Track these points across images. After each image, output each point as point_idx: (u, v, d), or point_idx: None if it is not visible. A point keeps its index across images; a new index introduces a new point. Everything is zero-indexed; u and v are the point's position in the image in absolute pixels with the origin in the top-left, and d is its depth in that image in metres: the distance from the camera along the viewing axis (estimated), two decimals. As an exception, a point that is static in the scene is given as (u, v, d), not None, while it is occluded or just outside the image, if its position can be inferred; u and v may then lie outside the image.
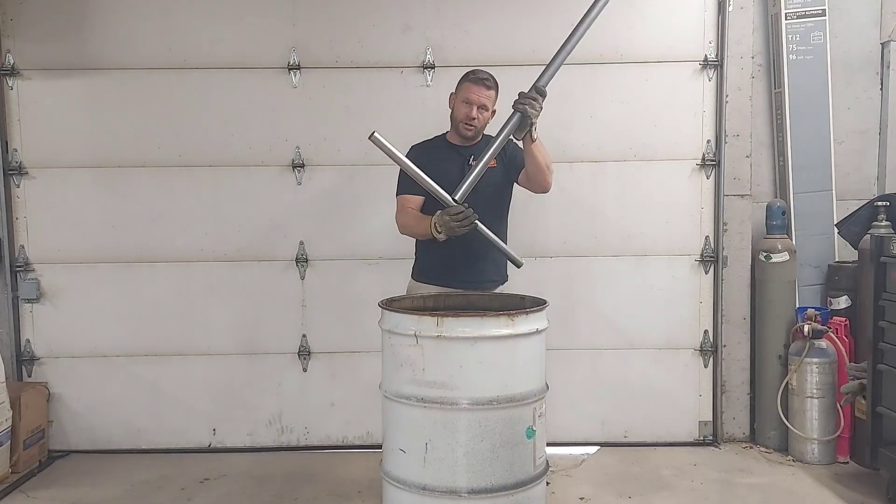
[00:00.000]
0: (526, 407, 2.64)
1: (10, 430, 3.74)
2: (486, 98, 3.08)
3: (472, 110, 3.07)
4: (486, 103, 3.08)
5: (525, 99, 2.86)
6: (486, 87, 3.07)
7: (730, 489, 3.61)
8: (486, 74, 3.10)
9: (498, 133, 2.92)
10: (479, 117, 3.09)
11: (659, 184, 4.10)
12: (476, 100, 3.07)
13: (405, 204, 3.15)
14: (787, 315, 4.03)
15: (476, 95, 3.07)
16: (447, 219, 2.88)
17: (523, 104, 2.85)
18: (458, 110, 3.12)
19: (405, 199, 3.16)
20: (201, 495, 3.59)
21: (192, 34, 4.01)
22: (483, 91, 3.07)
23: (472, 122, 3.09)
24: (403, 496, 2.65)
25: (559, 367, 3.90)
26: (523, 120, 2.87)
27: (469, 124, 3.10)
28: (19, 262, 4.08)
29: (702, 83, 4.07)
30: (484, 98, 3.07)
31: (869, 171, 4.27)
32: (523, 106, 2.85)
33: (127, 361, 4.13)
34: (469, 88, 3.08)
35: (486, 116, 3.12)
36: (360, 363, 4.11)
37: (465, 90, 3.09)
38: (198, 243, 4.10)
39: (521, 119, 2.87)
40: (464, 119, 3.09)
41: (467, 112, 3.08)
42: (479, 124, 3.11)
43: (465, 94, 3.09)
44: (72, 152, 4.06)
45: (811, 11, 4.07)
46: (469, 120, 3.08)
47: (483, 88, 3.07)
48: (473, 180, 2.92)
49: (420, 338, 2.57)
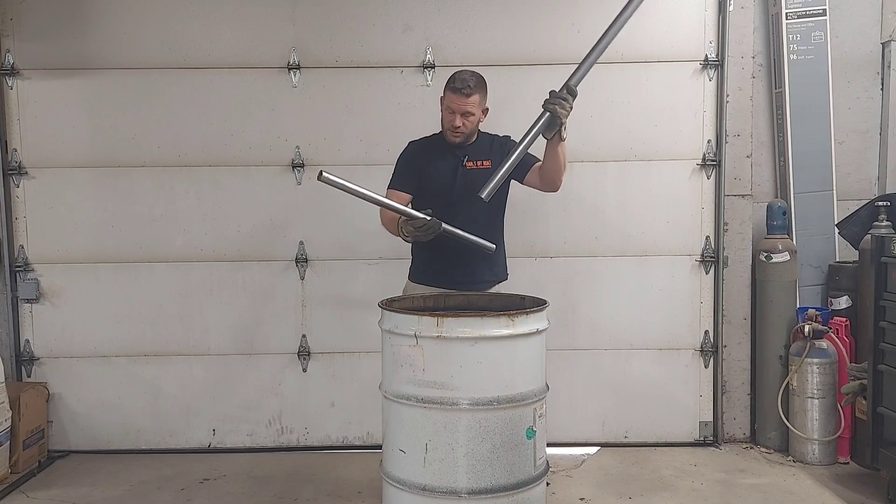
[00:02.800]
0: (526, 407, 2.64)
1: (9, 431, 3.74)
2: (468, 106, 3.03)
3: (456, 119, 3.04)
4: (468, 110, 3.04)
5: (556, 99, 2.82)
6: (465, 97, 3.01)
7: (730, 490, 3.60)
8: (465, 83, 3.00)
9: (527, 132, 2.88)
10: (465, 124, 3.06)
11: (659, 184, 4.10)
12: (458, 108, 3.03)
13: (389, 198, 3.14)
14: (788, 315, 4.03)
15: (457, 105, 3.03)
16: (411, 228, 2.90)
17: (553, 104, 2.81)
18: (444, 118, 3.10)
19: (391, 194, 3.15)
20: (201, 496, 3.58)
21: (192, 34, 4.01)
22: (464, 100, 3.02)
23: (457, 130, 3.07)
24: (403, 496, 2.64)
25: (559, 367, 3.90)
26: (553, 120, 2.83)
27: (454, 132, 3.08)
28: (19, 262, 4.08)
29: (702, 83, 4.07)
30: (466, 106, 3.03)
31: (869, 171, 4.26)
32: (553, 106, 2.81)
33: (127, 361, 4.13)
34: (450, 98, 3.04)
35: (473, 120, 3.08)
36: (359, 363, 4.11)
37: (448, 98, 3.06)
38: (198, 243, 4.10)
39: (551, 119, 2.83)
40: (449, 127, 3.08)
41: (451, 120, 3.05)
42: (465, 130, 3.08)
43: (448, 102, 3.06)
44: (72, 152, 4.05)
45: (812, 11, 4.06)
46: (454, 129, 3.07)
47: (463, 98, 3.01)
48: (500, 179, 2.89)
49: (420, 338, 2.57)
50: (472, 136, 3.16)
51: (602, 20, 3.97)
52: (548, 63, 3.99)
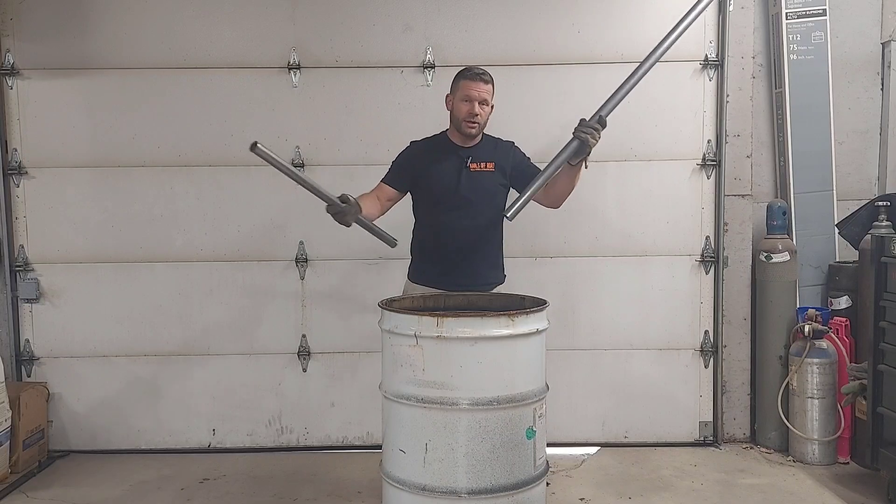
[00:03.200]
0: (526, 407, 2.64)
1: (9, 431, 3.74)
2: (485, 92, 3.06)
3: (474, 106, 3.05)
4: (486, 97, 3.07)
5: (586, 128, 2.86)
6: (483, 82, 3.05)
7: (730, 490, 3.60)
8: (482, 69, 3.08)
9: (555, 157, 2.91)
10: (482, 112, 3.07)
11: (659, 184, 4.10)
12: (476, 95, 3.04)
13: (377, 190, 3.21)
14: (788, 315, 4.03)
15: (476, 91, 3.04)
16: (330, 212, 2.91)
17: (585, 133, 2.85)
18: (459, 109, 3.09)
19: (380, 186, 3.21)
20: (201, 496, 3.58)
21: (192, 34, 4.01)
22: (482, 86, 3.05)
23: (474, 118, 3.06)
24: (403, 496, 2.64)
25: (559, 367, 3.90)
26: (581, 147, 2.88)
27: (472, 121, 3.07)
28: (19, 261, 4.08)
29: (702, 83, 4.07)
30: (483, 92, 3.06)
31: (869, 171, 4.27)
32: (585, 135, 2.85)
33: (127, 361, 4.13)
34: (467, 86, 3.06)
35: (487, 111, 3.10)
36: (359, 363, 4.12)
37: (464, 88, 3.06)
38: (198, 243, 4.10)
39: (580, 146, 2.88)
40: (466, 117, 3.06)
41: (469, 109, 3.05)
42: (481, 119, 3.09)
43: (465, 91, 3.06)
44: (72, 152, 4.05)
45: (812, 11, 4.06)
46: (472, 117, 3.06)
47: (481, 83, 3.05)
48: (526, 201, 2.91)
49: (420, 338, 2.57)
50: (479, 132, 3.16)
51: (602, 20, 4.03)
52: (548, 63, 4.00)
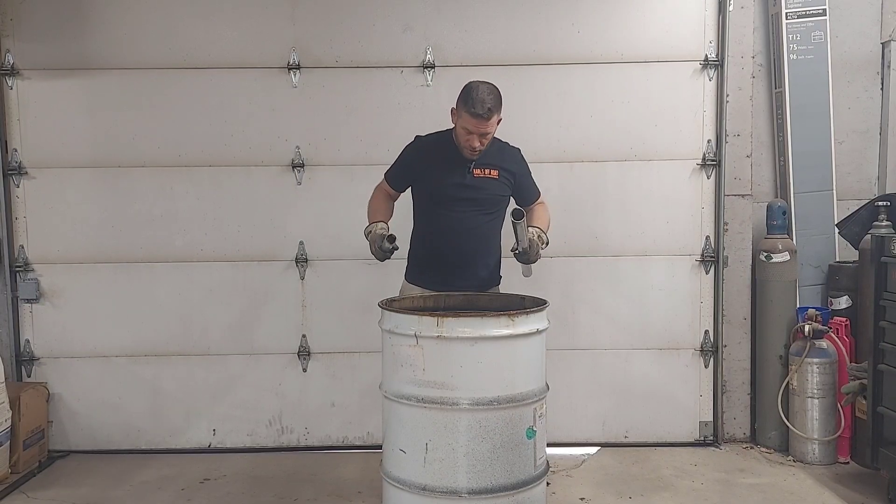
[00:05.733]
0: (526, 407, 2.64)
1: (9, 431, 3.74)
2: (488, 128, 2.98)
3: (474, 139, 2.99)
4: (488, 132, 2.99)
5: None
6: (485, 120, 2.94)
7: (730, 489, 3.60)
8: (483, 105, 2.90)
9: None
10: (483, 143, 3.01)
11: (659, 184, 4.09)
12: (476, 131, 2.97)
13: (382, 186, 3.25)
14: (788, 315, 4.03)
15: (476, 128, 2.96)
16: (375, 245, 3.07)
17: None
18: (460, 136, 3.02)
19: (382, 184, 3.27)
20: (201, 496, 3.58)
21: (192, 34, 4.01)
22: (483, 124, 2.95)
23: (474, 150, 3.02)
24: (403, 496, 2.65)
25: (559, 367, 3.90)
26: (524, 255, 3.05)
27: (473, 153, 3.03)
28: (19, 262, 4.07)
29: (702, 83, 4.07)
30: (485, 129, 2.97)
31: (869, 170, 4.26)
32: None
33: (127, 361, 4.13)
34: (468, 121, 2.95)
35: (490, 138, 3.04)
36: (359, 363, 4.11)
37: (464, 121, 2.97)
38: (198, 243, 4.10)
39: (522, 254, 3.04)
40: (466, 146, 3.02)
41: (469, 142, 2.99)
42: (483, 148, 3.04)
43: (464, 124, 2.98)
44: (72, 152, 4.05)
45: (811, 11, 4.06)
46: (472, 149, 3.01)
47: (483, 122, 2.94)
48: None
49: (420, 338, 2.57)
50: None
51: (602, 20, 4.03)
52: (548, 63, 4.00)
